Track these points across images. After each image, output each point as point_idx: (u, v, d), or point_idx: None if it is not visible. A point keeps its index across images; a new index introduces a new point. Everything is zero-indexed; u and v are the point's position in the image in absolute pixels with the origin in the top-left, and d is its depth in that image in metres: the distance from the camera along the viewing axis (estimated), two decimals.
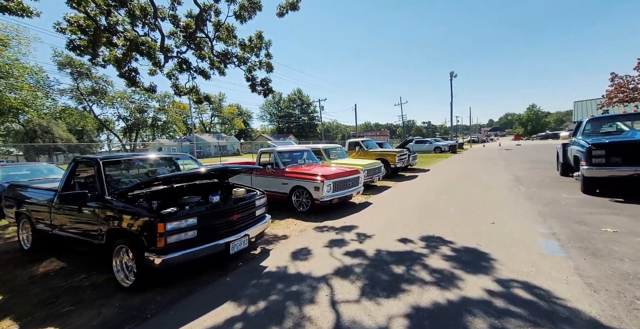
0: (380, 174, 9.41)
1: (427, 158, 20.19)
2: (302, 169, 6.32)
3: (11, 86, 19.82)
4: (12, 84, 20.10)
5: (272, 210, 6.22)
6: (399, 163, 11.28)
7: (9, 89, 19.64)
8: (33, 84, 21.64)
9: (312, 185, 5.74)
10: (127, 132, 33.94)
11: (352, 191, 6.41)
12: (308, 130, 75.23)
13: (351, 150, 12.26)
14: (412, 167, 14.38)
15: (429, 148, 27.87)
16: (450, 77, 35.02)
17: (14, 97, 19.16)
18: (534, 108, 73.75)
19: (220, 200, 3.33)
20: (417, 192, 7.56)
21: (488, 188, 7.49)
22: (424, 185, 8.81)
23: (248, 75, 8.60)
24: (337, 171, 6.28)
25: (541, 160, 14.26)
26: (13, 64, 19.79)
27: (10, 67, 19.75)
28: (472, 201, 6.06)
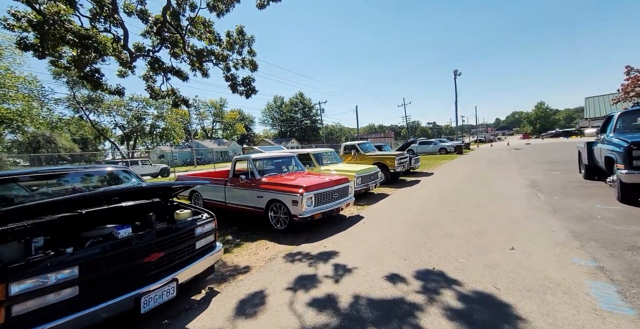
0: (377, 180, 8.43)
1: (431, 160, 19.07)
2: (280, 180, 5.40)
3: (3, 96, 19.56)
4: (4, 94, 19.85)
5: (247, 228, 5.36)
6: (399, 167, 10.27)
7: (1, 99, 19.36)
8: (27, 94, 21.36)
9: (289, 198, 4.81)
10: (125, 140, 33.66)
11: (340, 204, 5.46)
12: (311, 133, 74.53)
13: (347, 154, 11.31)
14: (414, 171, 13.33)
15: (433, 149, 26.68)
16: (454, 75, 33.93)
17: (5, 108, 18.87)
18: (542, 106, 71.61)
19: (136, 232, 2.44)
20: (417, 203, 6.55)
21: (500, 197, 6.43)
22: (425, 193, 7.79)
23: (227, 74, 7.78)
24: (320, 180, 5.34)
25: (557, 160, 13.04)
26: (5, 74, 19.53)
27: (3, 77, 19.51)
28: (482, 216, 5.03)
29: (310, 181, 5.25)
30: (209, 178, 6.32)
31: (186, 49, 7.20)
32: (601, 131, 6.37)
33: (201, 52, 7.31)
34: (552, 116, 76.26)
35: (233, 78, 7.80)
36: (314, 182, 5.13)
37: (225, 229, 5.40)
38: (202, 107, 56.69)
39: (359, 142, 11.42)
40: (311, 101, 71.76)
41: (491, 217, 4.88)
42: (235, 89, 7.86)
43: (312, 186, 4.96)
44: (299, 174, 6.15)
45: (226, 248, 4.31)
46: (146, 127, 33.47)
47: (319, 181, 5.32)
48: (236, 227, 5.49)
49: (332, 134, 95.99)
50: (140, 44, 7.49)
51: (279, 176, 5.74)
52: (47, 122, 24.97)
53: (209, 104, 56.42)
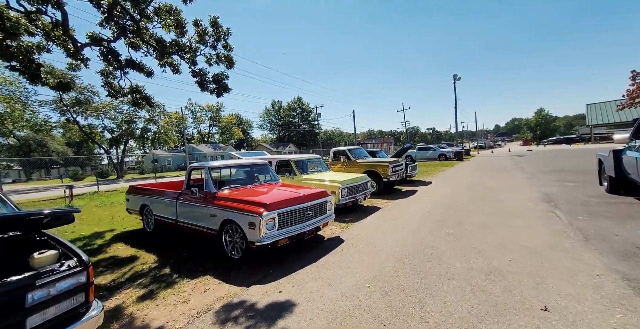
0: (367, 191, 7.36)
1: (430, 167, 18.03)
2: (239, 194, 4.32)
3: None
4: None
5: (197, 255, 4.11)
6: (393, 176, 9.20)
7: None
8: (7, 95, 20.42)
9: (244, 220, 3.74)
10: (114, 144, 32.61)
11: (315, 224, 4.37)
12: (309, 138, 73.68)
13: (336, 161, 10.26)
14: (411, 179, 12.27)
15: (432, 155, 25.68)
16: (453, 80, 33.20)
17: None
18: (542, 112, 70.98)
19: None
20: (410, 221, 5.46)
21: (511, 215, 5.35)
22: (422, 207, 6.70)
23: (193, 68, 6.78)
24: (290, 195, 4.27)
25: (567, 169, 12.00)
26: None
27: None
28: (492, 243, 3.94)
29: (276, 196, 4.19)
30: (164, 190, 5.24)
31: (146, 39, 6.21)
32: (634, 135, 5.32)
33: (163, 42, 6.31)
34: (552, 123, 75.57)
35: (201, 73, 6.80)
36: (280, 198, 4.06)
37: (170, 255, 4.30)
38: (199, 111, 55.92)
39: (349, 147, 10.39)
40: (309, 105, 71.19)
41: (504, 245, 3.80)
42: (204, 86, 6.87)
43: (276, 203, 3.88)
44: (270, 186, 5.08)
45: (152, 290, 3.21)
46: (137, 131, 32.49)
47: (288, 195, 4.25)
48: (185, 253, 4.39)
49: (330, 139, 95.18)
50: (95, 34, 6.52)
51: (241, 189, 4.66)
52: (31, 125, 23.93)
53: (205, 108, 55.67)
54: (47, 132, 28.80)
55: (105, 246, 4.75)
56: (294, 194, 4.32)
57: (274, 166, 7.71)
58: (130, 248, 4.65)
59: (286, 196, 4.24)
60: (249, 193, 4.41)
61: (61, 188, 20.64)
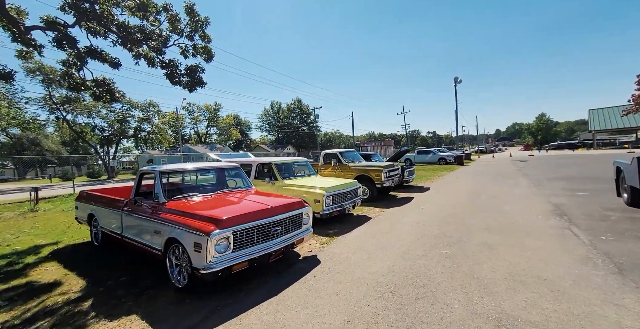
0: (356, 199, 6.59)
1: (429, 171, 17.26)
2: (190, 206, 3.54)
3: None
4: None
5: (138, 281, 3.23)
6: (387, 182, 8.43)
7: None
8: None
9: (189, 240, 2.97)
10: (105, 143, 31.83)
11: (285, 242, 3.60)
12: (308, 140, 73.00)
13: (326, 164, 9.49)
14: (408, 184, 11.49)
15: (432, 159, 24.93)
16: (454, 82, 32.54)
17: None
18: (544, 117, 70.34)
19: None
20: (402, 236, 4.68)
21: (519, 232, 4.57)
22: (416, 219, 5.92)
23: (161, 59, 6.04)
24: (253, 207, 3.49)
25: (574, 177, 11.23)
26: None
27: None
28: (499, 272, 3.16)
29: (235, 209, 3.41)
30: (112, 198, 4.46)
31: (104, 23, 5.47)
32: None
33: (125, 28, 5.56)
34: (553, 128, 74.92)
35: (172, 65, 6.05)
36: (240, 211, 3.28)
37: (106, 280, 3.51)
38: (197, 111, 55.26)
39: (341, 150, 9.62)
40: (309, 107, 70.61)
41: (515, 276, 3.01)
42: (175, 79, 6.12)
43: (234, 217, 3.10)
44: (238, 194, 4.29)
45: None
46: (129, 130, 31.74)
47: (251, 207, 3.47)
48: (126, 276, 3.60)
49: (330, 141, 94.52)
50: (51, 18, 5.78)
51: (199, 199, 3.87)
52: (18, 122, 23.19)
53: (203, 108, 54.99)
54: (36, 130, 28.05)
55: (32, 266, 3.96)
56: (260, 206, 3.54)
57: (253, 169, 6.95)
58: (62, 268, 3.86)
59: (249, 208, 3.46)
60: (204, 204, 3.63)
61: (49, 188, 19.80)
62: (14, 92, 21.42)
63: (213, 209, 3.38)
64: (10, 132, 35.47)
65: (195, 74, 6.31)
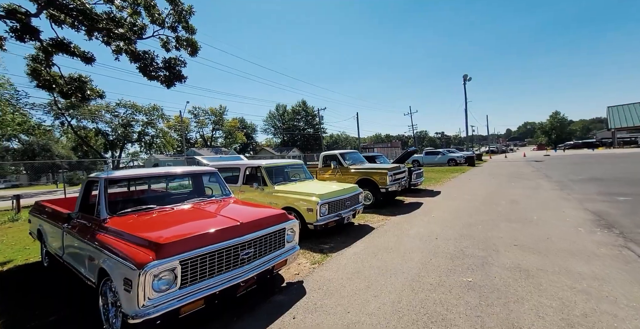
0: (357, 206, 5.75)
1: (438, 173, 16.22)
2: (136, 224, 2.77)
3: None
4: None
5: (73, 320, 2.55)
6: (393, 186, 7.56)
7: None
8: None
9: (119, 273, 2.20)
10: (109, 148, 31.90)
11: (260, 268, 2.81)
12: (313, 142, 72.36)
13: (326, 167, 8.69)
14: (417, 187, 10.56)
15: (441, 160, 23.78)
16: (463, 80, 31.26)
17: None
18: (558, 116, 67.74)
19: None
20: (408, 256, 3.82)
21: (560, 253, 3.64)
22: (426, 230, 5.04)
23: (131, 48, 5.36)
24: (215, 223, 2.71)
25: (605, 178, 10.06)
26: None
27: None
28: (547, 321, 2.28)
29: (188, 229, 2.62)
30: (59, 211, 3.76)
31: (66, 11, 4.85)
32: None
33: (89, 14, 4.90)
34: (567, 127, 72.07)
35: (145, 57, 5.39)
36: (191, 232, 2.49)
37: (26, 321, 2.78)
38: (202, 115, 55.41)
39: (341, 151, 8.80)
40: (314, 108, 70.03)
41: None
42: (148, 72, 5.45)
43: (181, 241, 2.31)
44: (212, 205, 3.53)
45: None
46: (133, 135, 31.76)
47: (211, 226, 2.69)
48: (55, 317, 2.86)
49: (336, 143, 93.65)
50: (12, 5, 5.20)
51: (153, 213, 3.10)
52: (24, 128, 23.33)
53: (209, 112, 55.13)
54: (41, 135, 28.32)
55: None
56: (227, 223, 2.76)
57: (241, 173, 6.21)
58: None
59: (210, 225, 2.68)
60: (153, 222, 2.85)
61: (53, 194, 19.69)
62: (18, 98, 21.52)
63: (159, 229, 2.62)
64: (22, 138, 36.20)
65: (174, 67, 5.64)
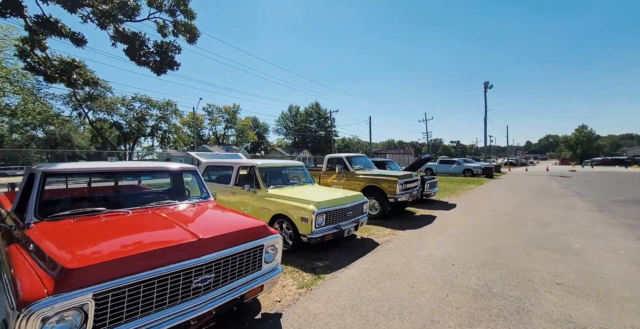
0: (361, 217, 5.01)
1: (453, 184, 15.14)
2: (61, 235, 2.13)
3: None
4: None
5: None
6: (403, 196, 6.75)
7: None
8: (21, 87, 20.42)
9: (2, 312, 1.57)
10: (122, 140, 32.51)
11: (222, 298, 2.14)
12: (325, 145, 71.76)
13: (330, 171, 7.98)
14: (429, 198, 9.68)
15: (456, 170, 22.52)
16: (484, 88, 29.86)
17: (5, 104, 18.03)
18: (584, 130, 64.01)
19: None
20: (418, 287, 3.05)
21: (623, 301, 2.77)
22: (441, 252, 4.23)
23: (117, 27, 4.87)
24: (164, 239, 2.06)
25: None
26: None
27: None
28: None
29: (118, 245, 1.95)
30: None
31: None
32: None
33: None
34: (595, 142, 68.03)
35: (133, 38, 4.89)
36: (120, 252, 1.82)
37: None
38: (216, 112, 56.05)
39: (348, 154, 8.06)
40: (327, 111, 69.60)
41: None
42: (138, 57, 4.95)
43: (99, 265, 1.65)
44: (177, 211, 2.91)
45: None
46: (147, 129, 32.25)
47: (156, 242, 2.03)
48: None
49: (348, 147, 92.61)
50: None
51: (97, 220, 2.48)
52: (43, 118, 24.04)
53: (222, 109, 55.72)
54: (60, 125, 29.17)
55: None
56: (181, 237, 2.10)
57: (234, 173, 5.61)
58: None
59: (150, 242, 2.03)
60: (87, 231, 2.21)
61: None
62: (39, 88, 22.16)
63: (87, 243, 1.96)
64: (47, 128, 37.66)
65: (166, 52, 5.14)
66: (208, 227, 2.41)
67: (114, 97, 26.80)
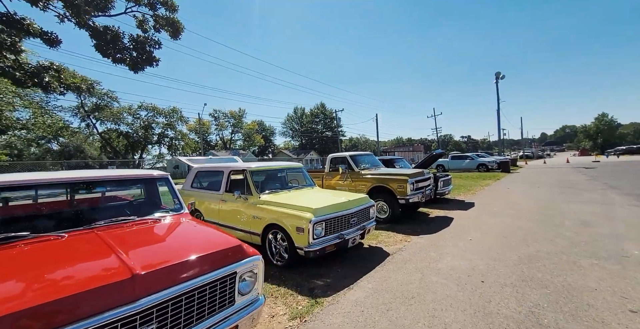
0: (367, 224, 4.37)
1: (468, 180, 14.20)
2: None
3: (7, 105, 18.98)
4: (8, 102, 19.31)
5: None
6: (415, 196, 6.04)
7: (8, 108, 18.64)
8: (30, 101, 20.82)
9: None
10: (130, 149, 32.91)
11: None
12: (332, 145, 71.05)
13: (334, 171, 7.34)
14: (444, 196, 8.92)
15: (470, 165, 21.43)
16: (495, 79, 28.49)
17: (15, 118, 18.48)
18: (605, 118, 60.76)
19: None
20: (441, 316, 2.37)
21: None
22: (464, 264, 3.52)
23: (92, 23, 4.41)
24: (78, 282, 1.49)
25: None
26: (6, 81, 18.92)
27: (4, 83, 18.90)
28: None
29: (12, 292, 1.40)
30: None
31: None
32: None
33: None
34: (617, 130, 64.51)
35: (106, 32, 4.41)
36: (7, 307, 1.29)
37: None
38: (222, 118, 56.41)
39: (352, 153, 7.40)
40: (333, 111, 68.96)
41: None
42: (110, 53, 4.47)
43: None
44: (140, 229, 2.35)
45: None
46: (154, 137, 32.57)
47: (67, 287, 1.46)
48: None
49: (355, 147, 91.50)
50: None
51: (28, 244, 1.94)
52: (53, 130, 24.48)
53: (228, 114, 56.02)
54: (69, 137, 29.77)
55: None
56: (107, 276, 1.53)
57: (224, 178, 5.06)
58: None
59: (59, 285, 1.45)
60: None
61: None
62: (47, 101, 22.55)
63: None
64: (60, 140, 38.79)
65: (143, 47, 4.65)
66: (156, 256, 1.82)
67: (120, 107, 27.12)
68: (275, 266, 3.91)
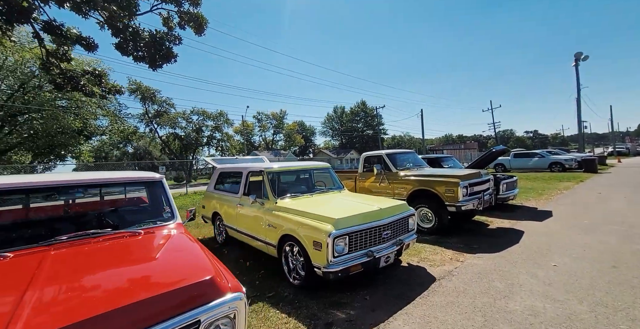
0: (407, 237, 3.52)
1: (538, 182, 11.75)
2: None
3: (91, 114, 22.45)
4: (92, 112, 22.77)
5: None
6: (469, 203, 4.84)
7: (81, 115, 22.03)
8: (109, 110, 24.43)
9: None
10: (183, 151, 36.33)
11: None
12: (372, 144, 68.68)
13: (368, 172, 6.46)
14: (507, 202, 7.31)
15: (539, 164, 17.94)
16: (575, 61, 23.55)
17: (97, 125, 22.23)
18: None
19: None
20: None
21: None
22: (550, 313, 2.40)
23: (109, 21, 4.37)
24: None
25: None
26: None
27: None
28: None
29: None
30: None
31: None
32: None
33: None
34: None
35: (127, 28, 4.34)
36: None
37: None
38: (265, 120, 58.99)
39: (388, 151, 6.39)
40: (374, 108, 66.56)
41: None
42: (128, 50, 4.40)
43: None
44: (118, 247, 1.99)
45: None
46: (203, 139, 35.50)
47: None
48: None
49: (399, 145, 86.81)
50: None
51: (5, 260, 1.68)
52: (124, 135, 28.38)
53: (270, 116, 58.35)
54: (137, 141, 34.12)
55: None
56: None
57: (243, 180, 4.65)
58: None
59: None
60: None
61: None
62: (120, 110, 26.20)
63: None
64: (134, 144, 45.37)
65: (162, 45, 4.51)
66: (75, 301, 1.31)
67: (176, 112, 30.22)
68: (292, 285, 3.31)
